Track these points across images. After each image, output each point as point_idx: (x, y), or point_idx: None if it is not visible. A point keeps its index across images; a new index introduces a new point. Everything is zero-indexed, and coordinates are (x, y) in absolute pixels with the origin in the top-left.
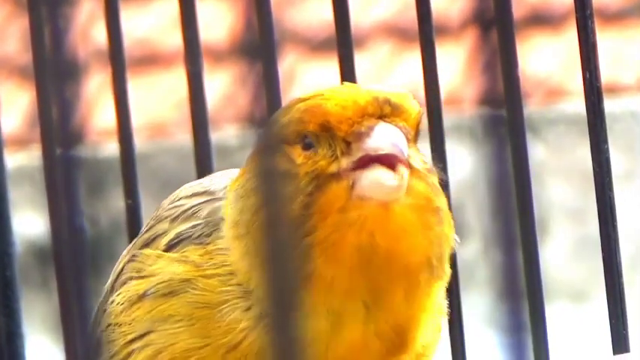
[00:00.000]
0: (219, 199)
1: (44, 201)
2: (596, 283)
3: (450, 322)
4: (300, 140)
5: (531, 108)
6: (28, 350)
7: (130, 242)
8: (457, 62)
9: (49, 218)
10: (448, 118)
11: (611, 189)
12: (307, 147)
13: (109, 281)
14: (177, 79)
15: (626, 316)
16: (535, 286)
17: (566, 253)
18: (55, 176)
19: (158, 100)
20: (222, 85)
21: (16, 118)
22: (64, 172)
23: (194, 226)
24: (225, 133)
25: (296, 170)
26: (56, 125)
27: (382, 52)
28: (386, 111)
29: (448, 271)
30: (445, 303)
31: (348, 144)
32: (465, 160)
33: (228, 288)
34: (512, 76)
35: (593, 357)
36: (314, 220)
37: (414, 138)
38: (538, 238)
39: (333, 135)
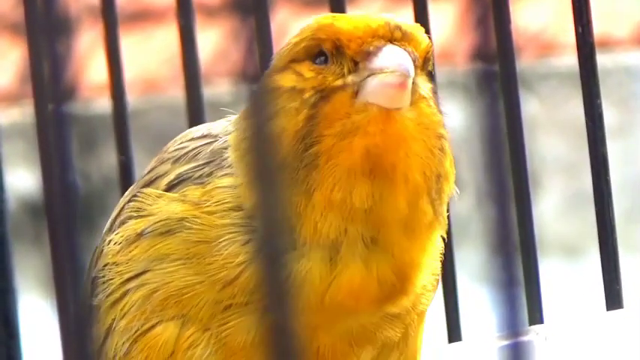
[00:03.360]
0: (219, 139)
1: (37, 157)
2: (590, 238)
3: (444, 277)
4: (310, 56)
5: (524, 62)
6: (20, 306)
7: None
8: (449, 17)
9: (42, 174)
10: (441, 73)
11: (603, 143)
12: (319, 64)
13: (108, 223)
14: (169, 34)
15: (619, 271)
16: (528, 240)
17: (560, 208)
18: (47, 132)
19: (150, 55)
20: (215, 40)
21: (8, 74)
22: (56, 128)
23: (194, 167)
24: (218, 89)
25: (303, 85)
26: (48, 81)
27: (375, 8)
28: (396, 35)
29: (446, 221)
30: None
31: (356, 63)
32: (458, 115)
33: (227, 221)
34: (504, 30)
35: (586, 313)
36: (319, 129)
37: (421, 66)
38: (531, 193)
39: (342, 53)
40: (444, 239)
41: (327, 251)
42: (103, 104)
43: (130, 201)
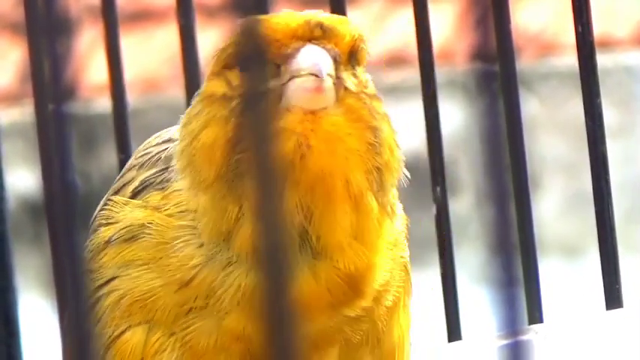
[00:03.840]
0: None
1: (37, 156)
2: (590, 238)
3: (443, 278)
4: (237, 63)
5: (524, 62)
6: (20, 304)
7: None
8: (449, 17)
9: (42, 173)
10: (441, 73)
11: (603, 143)
12: (244, 69)
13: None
14: (169, 34)
15: (619, 271)
16: (528, 240)
17: (560, 208)
18: (47, 132)
19: (151, 55)
20: (215, 40)
21: (8, 73)
22: (56, 127)
23: (156, 173)
24: None
25: (232, 92)
26: (48, 81)
27: (375, 8)
28: (316, 34)
29: (398, 210)
30: (405, 238)
31: (278, 66)
32: (458, 115)
33: (182, 223)
34: (504, 30)
35: (586, 312)
36: (247, 137)
37: (347, 60)
38: (531, 193)
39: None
40: (441, 240)
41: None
42: (104, 104)
43: (101, 209)
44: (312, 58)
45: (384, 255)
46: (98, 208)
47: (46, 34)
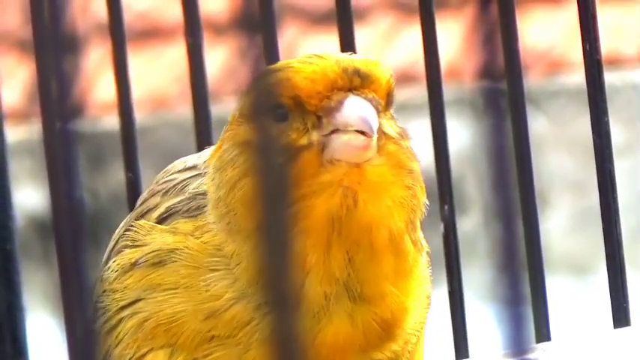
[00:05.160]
0: (203, 173)
1: (44, 175)
2: (598, 255)
3: (451, 295)
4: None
5: (533, 80)
6: (28, 323)
7: None
8: (457, 35)
9: (49, 192)
10: (448, 90)
11: (610, 161)
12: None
13: (107, 249)
14: (177, 52)
15: (626, 288)
16: (535, 258)
17: (568, 226)
18: (54, 150)
19: (159, 73)
20: (223, 58)
21: (16, 91)
22: (63, 145)
23: (182, 201)
24: (226, 107)
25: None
26: (56, 99)
27: (383, 26)
28: (355, 83)
29: (422, 242)
30: (428, 272)
31: (319, 118)
32: (465, 133)
33: (217, 259)
34: (512, 48)
35: (593, 331)
36: (288, 191)
37: (385, 106)
38: (539, 211)
39: (304, 109)
40: (449, 258)
41: (309, 308)
42: (111, 121)
43: (126, 230)
44: (358, 112)
45: (416, 298)
46: (120, 229)
47: (53, 52)
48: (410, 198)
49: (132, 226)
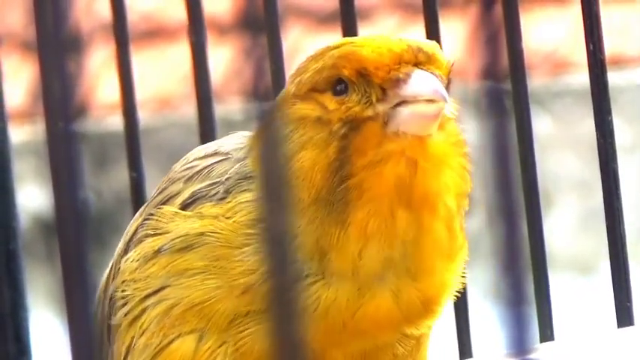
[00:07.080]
0: (231, 157)
1: (48, 175)
2: (602, 255)
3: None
4: (331, 87)
5: (538, 80)
6: (32, 322)
7: (134, 215)
8: (461, 35)
9: (53, 192)
10: (452, 90)
11: (614, 160)
12: (339, 93)
13: (121, 243)
14: (181, 52)
15: (630, 288)
16: (539, 258)
17: (572, 226)
18: (58, 150)
19: (162, 73)
20: (227, 58)
21: (20, 92)
22: (67, 146)
23: (209, 185)
24: (230, 107)
25: (329, 116)
26: (59, 99)
27: (387, 26)
28: (421, 59)
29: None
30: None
31: (383, 90)
32: (469, 133)
33: (250, 234)
34: (516, 48)
35: (597, 330)
36: (352, 161)
37: (446, 87)
38: (543, 210)
39: (368, 81)
40: None
41: (356, 281)
42: (115, 122)
43: (146, 219)
44: (429, 84)
45: (456, 280)
46: (135, 220)
47: (56, 52)
48: (464, 181)
49: (151, 214)
